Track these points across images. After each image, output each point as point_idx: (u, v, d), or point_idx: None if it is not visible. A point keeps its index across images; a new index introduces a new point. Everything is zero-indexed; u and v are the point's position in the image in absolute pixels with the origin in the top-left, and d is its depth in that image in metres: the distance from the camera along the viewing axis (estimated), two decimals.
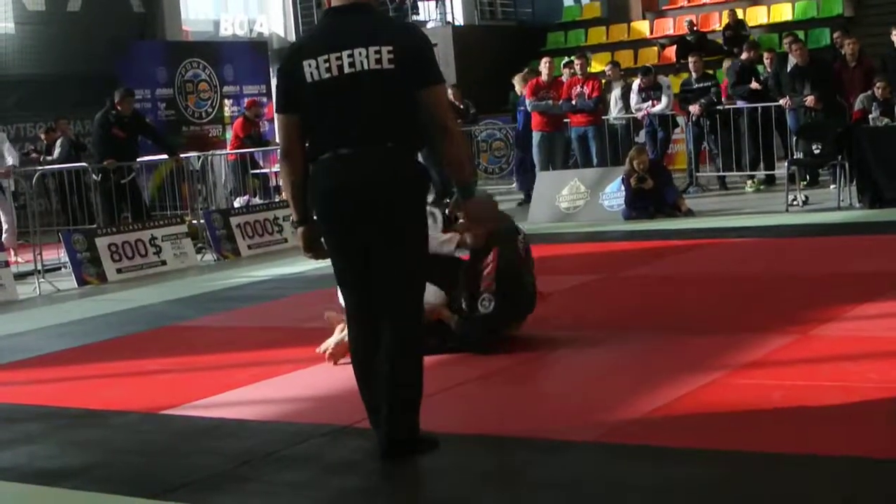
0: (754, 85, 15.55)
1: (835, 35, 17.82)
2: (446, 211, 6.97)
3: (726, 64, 17.22)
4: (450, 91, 17.98)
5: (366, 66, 4.56)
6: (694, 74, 16.17)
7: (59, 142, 17.40)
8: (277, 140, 4.75)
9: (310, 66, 4.62)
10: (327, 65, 4.60)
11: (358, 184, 4.60)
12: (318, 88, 4.62)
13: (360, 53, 4.56)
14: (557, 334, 7.02)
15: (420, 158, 4.88)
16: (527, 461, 4.65)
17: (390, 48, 4.56)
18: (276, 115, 4.93)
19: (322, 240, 4.84)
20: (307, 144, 4.78)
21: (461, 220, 6.47)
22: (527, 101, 16.51)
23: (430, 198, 5.26)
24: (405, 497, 4.47)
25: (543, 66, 16.69)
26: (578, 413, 5.30)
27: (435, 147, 4.68)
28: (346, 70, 4.58)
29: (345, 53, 4.58)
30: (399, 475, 4.75)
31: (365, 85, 4.58)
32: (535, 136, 16.53)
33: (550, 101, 16.23)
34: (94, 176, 13.81)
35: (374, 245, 4.66)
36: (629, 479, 4.30)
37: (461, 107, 18.82)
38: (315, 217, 4.81)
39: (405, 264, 4.68)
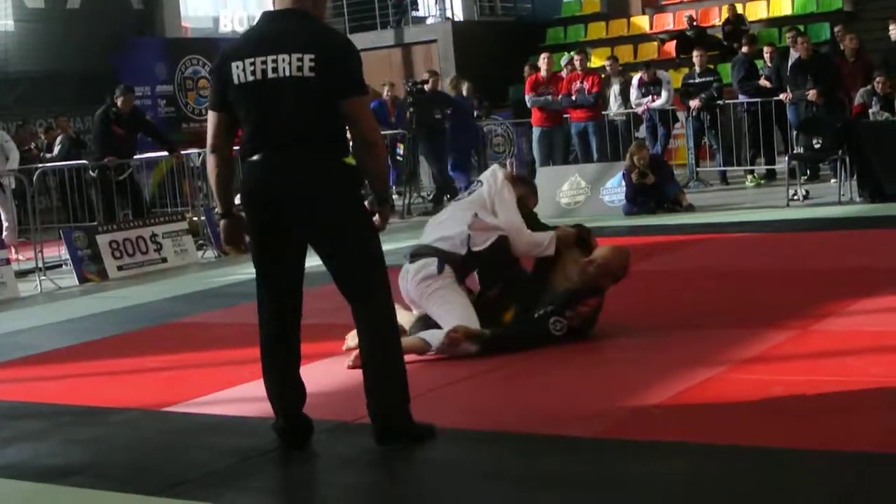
0: (763, 82, 15.51)
1: (836, 30, 17.81)
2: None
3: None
4: (464, 86, 18.06)
5: (287, 73, 4.65)
6: (697, 69, 16.17)
7: (58, 139, 17.40)
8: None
9: (237, 67, 4.73)
10: (252, 68, 4.69)
11: (278, 186, 4.70)
12: (243, 90, 4.73)
13: (283, 59, 4.65)
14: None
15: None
16: (528, 456, 4.65)
17: (312, 56, 4.63)
18: (209, 112, 5.03)
19: (243, 233, 4.97)
20: (240, 143, 4.88)
21: (594, 264, 6.64)
22: (526, 97, 16.54)
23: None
24: (406, 493, 4.47)
25: (542, 61, 16.71)
26: (579, 408, 5.30)
27: (356, 156, 4.78)
28: (270, 75, 4.67)
29: (269, 58, 4.67)
30: (400, 471, 4.76)
31: (284, 91, 4.66)
32: (535, 132, 16.57)
33: (549, 97, 16.24)
34: (91, 173, 13.80)
35: (313, 244, 4.80)
36: (630, 474, 4.31)
37: (474, 102, 18.87)
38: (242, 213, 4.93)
39: (348, 256, 4.76)
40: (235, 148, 4.97)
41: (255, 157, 4.77)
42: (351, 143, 4.86)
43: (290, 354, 4.96)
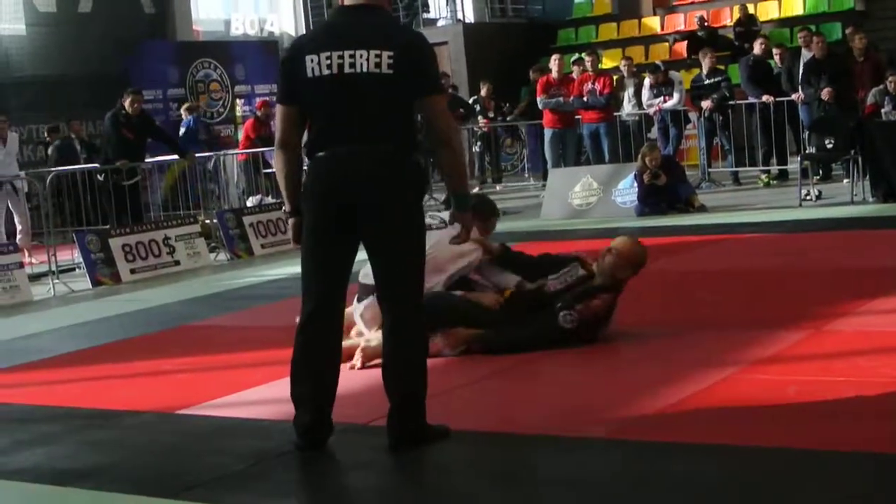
0: (766, 98, 15.44)
1: (847, 31, 17.77)
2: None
3: None
4: (483, 89, 18.05)
5: (364, 69, 4.61)
6: (705, 70, 16.14)
7: (54, 144, 17.31)
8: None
9: (311, 60, 4.67)
10: (328, 62, 4.64)
11: (349, 184, 4.66)
12: (317, 84, 4.68)
13: (360, 55, 4.61)
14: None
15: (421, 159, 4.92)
16: (539, 458, 4.65)
17: (391, 53, 4.60)
18: (277, 106, 4.99)
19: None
20: (305, 139, 4.83)
21: (611, 253, 6.64)
22: (538, 99, 16.54)
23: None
24: (417, 495, 4.47)
25: (553, 63, 16.71)
26: (591, 409, 5.30)
27: (436, 154, 4.79)
28: (346, 70, 4.63)
29: (346, 53, 4.62)
30: (411, 473, 4.76)
31: (361, 86, 4.63)
32: (547, 133, 16.60)
33: (561, 98, 16.24)
34: (98, 177, 13.82)
35: (368, 241, 4.75)
36: (642, 476, 4.30)
37: (495, 106, 18.91)
38: (304, 212, 4.85)
39: (401, 257, 4.74)
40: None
41: (324, 153, 4.74)
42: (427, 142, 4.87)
43: (334, 336, 4.90)
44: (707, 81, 15.98)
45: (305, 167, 4.94)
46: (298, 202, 4.88)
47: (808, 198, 13.30)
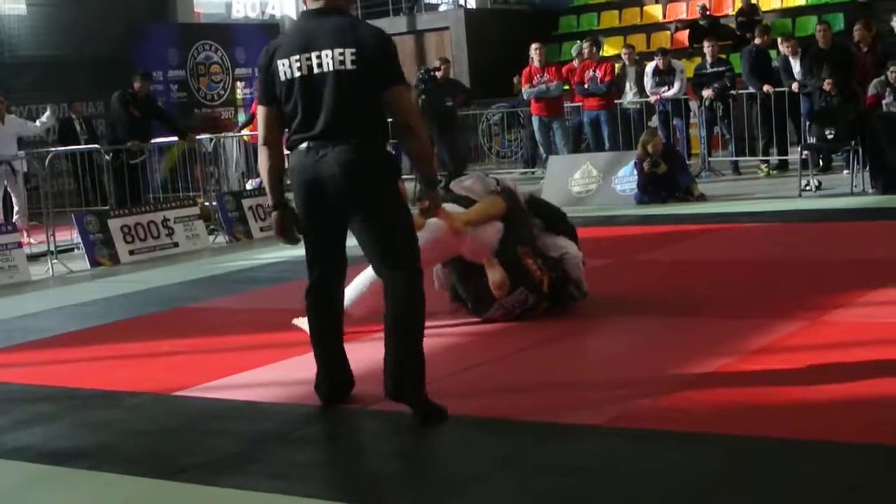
0: (767, 88, 15.42)
1: (856, 26, 17.69)
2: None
3: None
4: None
5: (330, 67, 5.00)
6: (709, 59, 16.13)
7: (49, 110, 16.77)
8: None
9: (283, 64, 5.09)
10: (298, 64, 5.05)
11: (327, 175, 5.01)
12: (290, 86, 5.08)
13: (326, 55, 5.00)
14: (569, 319, 7.02)
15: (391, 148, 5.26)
16: (538, 444, 4.65)
17: (353, 50, 4.98)
18: (258, 107, 5.37)
19: (293, 226, 5.25)
20: (286, 135, 5.22)
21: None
22: (522, 90, 16.63)
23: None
24: (416, 479, 4.48)
25: (534, 52, 16.72)
26: (589, 397, 5.31)
27: (400, 141, 5.16)
28: (315, 70, 5.02)
29: (313, 54, 5.03)
30: (410, 457, 4.77)
31: (329, 84, 5.00)
32: (535, 121, 16.76)
33: (544, 85, 16.28)
34: (105, 156, 13.81)
35: (351, 223, 5.12)
36: (639, 463, 4.31)
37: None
38: (292, 203, 5.25)
39: (383, 231, 5.08)
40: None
41: (302, 146, 5.09)
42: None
43: (333, 312, 5.41)
44: (711, 70, 15.97)
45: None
46: (281, 196, 5.24)
47: (808, 188, 13.30)
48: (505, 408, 5.20)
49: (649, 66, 16.53)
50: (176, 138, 14.83)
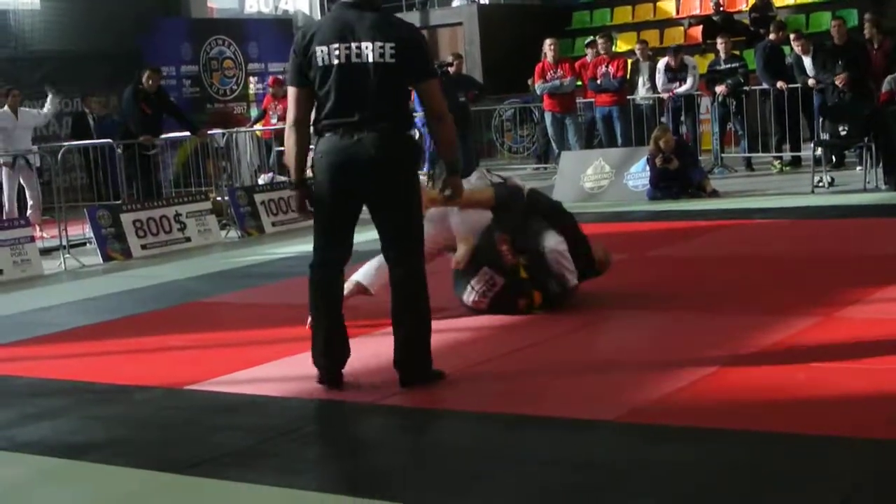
0: (780, 84, 15.36)
1: (866, 17, 17.63)
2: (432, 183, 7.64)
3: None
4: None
5: (371, 59, 5.31)
6: (723, 55, 16.08)
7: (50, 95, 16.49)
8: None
9: (321, 51, 5.35)
10: (337, 52, 5.33)
11: (359, 160, 5.32)
12: (327, 72, 5.35)
13: (366, 47, 5.31)
14: (580, 314, 7.01)
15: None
16: (548, 440, 4.64)
17: (392, 45, 5.32)
18: (289, 88, 5.61)
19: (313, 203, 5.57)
20: (314, 118, 5.49)
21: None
22: (535, 86, 16.58)
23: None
24: (425, 474, 4.47)
25: (547, 47, 16.66)
26: (600, 392, 5.30)
27: (430, 128, 5.71)
28: (354, 60, 5.32)
29: (353, 45, 5.32)
30: (419, 452, 4.77)
31: (369, 74, 5.32)
32: (547, 117, 16.68)
33: (558, 81, 16.24)
34: (118, 150, 13.83)
35: (374, 206, 5.47)
36: (650, 459, 4.30)
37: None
38: (316, 182, 5.54)
39: (403, 217, 5.48)
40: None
41: (335, 131, 5.37)
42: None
43: (335, 283, 5.62)
44: (724, 66, 15.92)
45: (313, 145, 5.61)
46: (304, 174, 5.54)
47: (821, 184, 13.26)
48: (514, 404, 5.19)
49: (661, 63, 16.48)
50: (188, 133, 14.84)
